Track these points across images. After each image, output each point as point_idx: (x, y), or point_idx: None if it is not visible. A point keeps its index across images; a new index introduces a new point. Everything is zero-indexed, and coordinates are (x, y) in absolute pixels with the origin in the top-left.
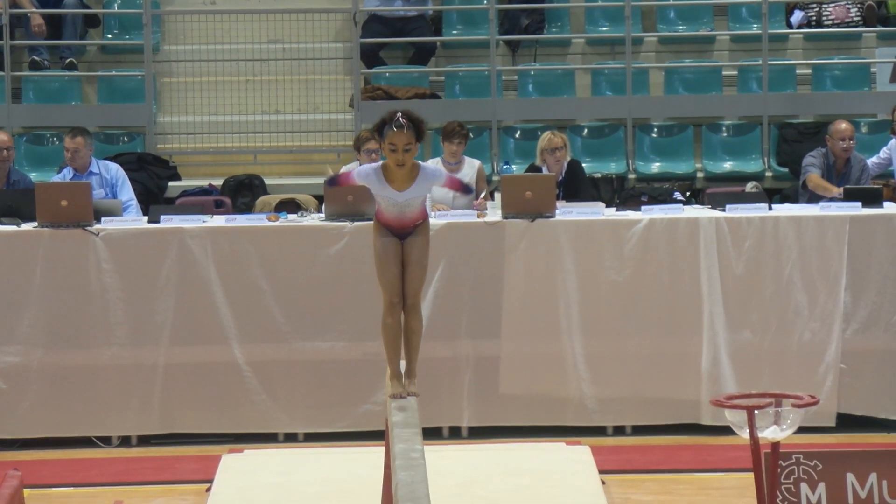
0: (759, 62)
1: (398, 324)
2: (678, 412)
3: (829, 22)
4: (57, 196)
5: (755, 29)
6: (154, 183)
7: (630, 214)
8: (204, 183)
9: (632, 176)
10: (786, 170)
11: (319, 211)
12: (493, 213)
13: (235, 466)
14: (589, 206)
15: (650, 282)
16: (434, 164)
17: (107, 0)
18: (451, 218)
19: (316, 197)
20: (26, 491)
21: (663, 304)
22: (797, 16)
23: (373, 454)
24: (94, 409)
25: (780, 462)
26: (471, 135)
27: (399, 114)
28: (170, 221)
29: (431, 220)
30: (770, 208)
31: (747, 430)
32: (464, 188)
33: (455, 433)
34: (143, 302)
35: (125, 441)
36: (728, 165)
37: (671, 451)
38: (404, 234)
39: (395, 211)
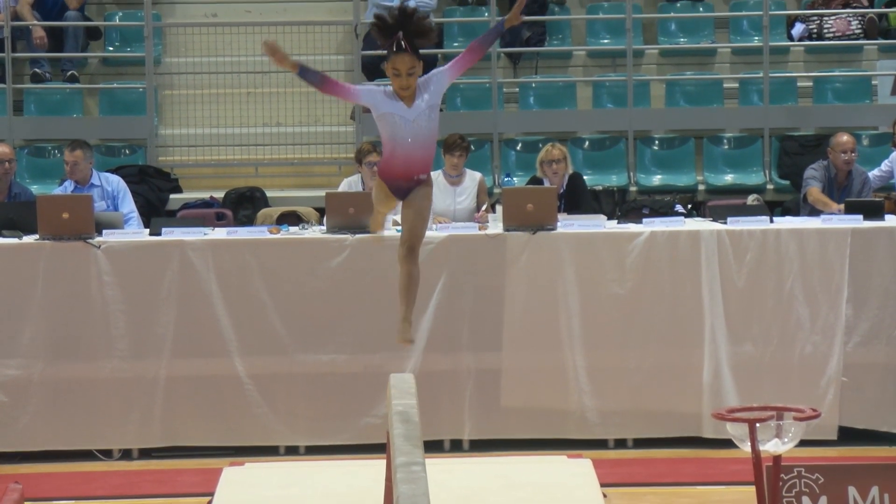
0: (761, 75)
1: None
2: (680, 425)
3: (831, 35)
4: (58, 209)
5: (756, 41)
6: (155, 195)
7: (631, 227)
8: (205, 195)
9: (633, 188)
10: (787, 182)
11: (321, 223)
12: (495, 225)
13: (236, 479)
14: (590, 218)
15: (651, 294)
16: (435, 176)
17: (108, 13)
18: (453, 230)
19: (317, 209)
20: None
21: (665, 316)
22: (798, 28)
23: (374, 467)
24: (95, 421)
25: (782, 475)
26: (472, 147)
27: (401, 33)
28: (171, 234)
29: (432, 233)
30: (771, 221)
31: (749, 444)
32: (478, 43)
33: (456, 446)
34: (145, 314)
35: (126, 454)
36: (729, 178)
37: (673, 465)
38: (407, 186)
39: (405, 137)
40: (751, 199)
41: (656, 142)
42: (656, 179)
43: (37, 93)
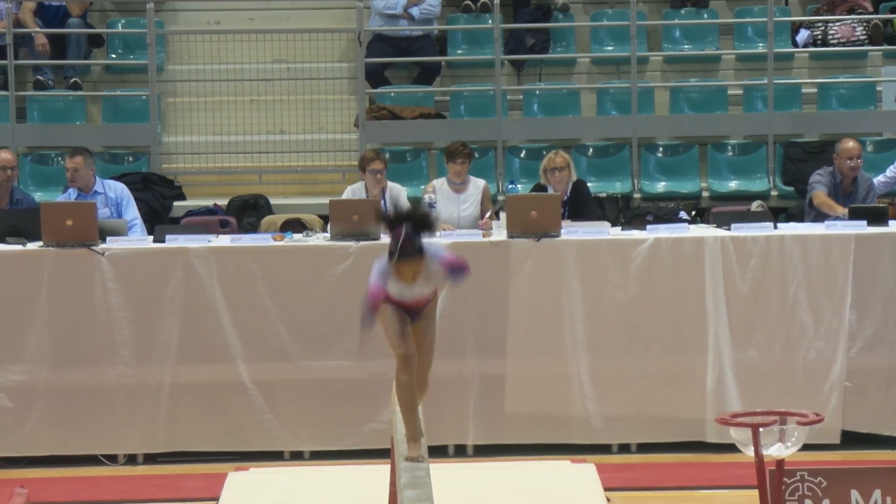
0: (765, 81)
1: (414, 380)
2: (683, 430)
3: (835, 41)
4: (62, 216)
5: (761, 48)
6: (159, 203)
7: (635, 234)
8: (209, 203)
9: (637, 195)
10: (791, 189)
11: (324, 231)
12: (499, 232)
13: (241, 484)
14: (594, 225)
15: (655, 301)
16: (439, 184)
17: (111, 20)
18: (457, 237)
19: (321, 216)
20: None
21: (668, 322)
22: (803, 35)
23: (378, 472)
24: (100, 427)
25: (785, 479)
26: (475, 154)
27: (403, 237)
28: (175, 241)
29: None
30: (775, 227)
31: (752, 448)
32: (453, 268)
33: (461, 451)
34: (149, 321)
35: (131, 459)
36: (733, 184)
37: (676, 469)
38: (416, 310)
39: (406, 296)
40: (755, 206)
41: (660, 148)
42: (660, 186)
43: (40, 100)
